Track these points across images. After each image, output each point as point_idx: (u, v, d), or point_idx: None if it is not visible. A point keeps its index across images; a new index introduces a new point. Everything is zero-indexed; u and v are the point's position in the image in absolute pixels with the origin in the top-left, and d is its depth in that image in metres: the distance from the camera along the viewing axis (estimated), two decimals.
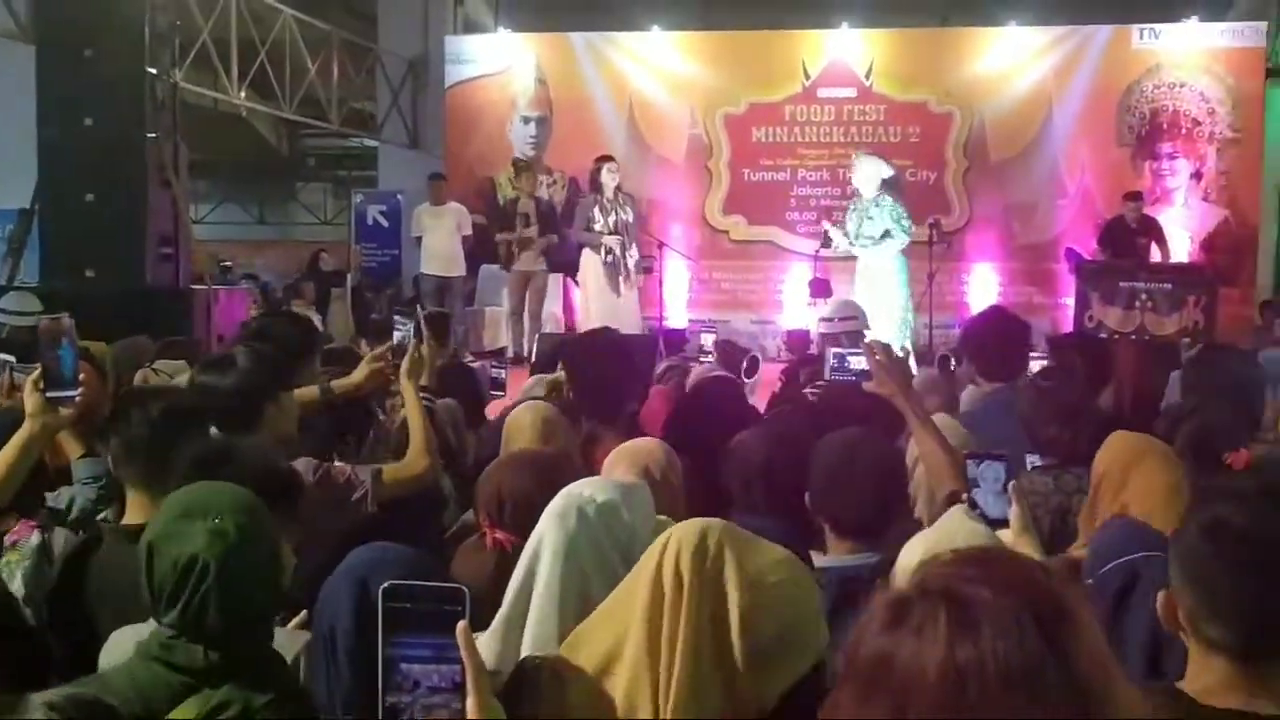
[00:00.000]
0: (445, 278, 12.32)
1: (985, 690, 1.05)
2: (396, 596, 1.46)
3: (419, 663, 1.44)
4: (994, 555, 1.21)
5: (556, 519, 2.06)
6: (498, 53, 14.15)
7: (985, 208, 13.38)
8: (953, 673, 1.06)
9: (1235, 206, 13.19)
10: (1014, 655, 1.06)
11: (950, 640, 1.07)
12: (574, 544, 2.02)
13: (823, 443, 2.99)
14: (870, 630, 1.14)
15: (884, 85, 13.44)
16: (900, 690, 1.08)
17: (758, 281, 13.51)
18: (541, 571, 2.03)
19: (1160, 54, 13.22)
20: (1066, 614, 1.11)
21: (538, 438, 3.44)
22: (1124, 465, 2.95)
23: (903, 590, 1.15)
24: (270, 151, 20.05)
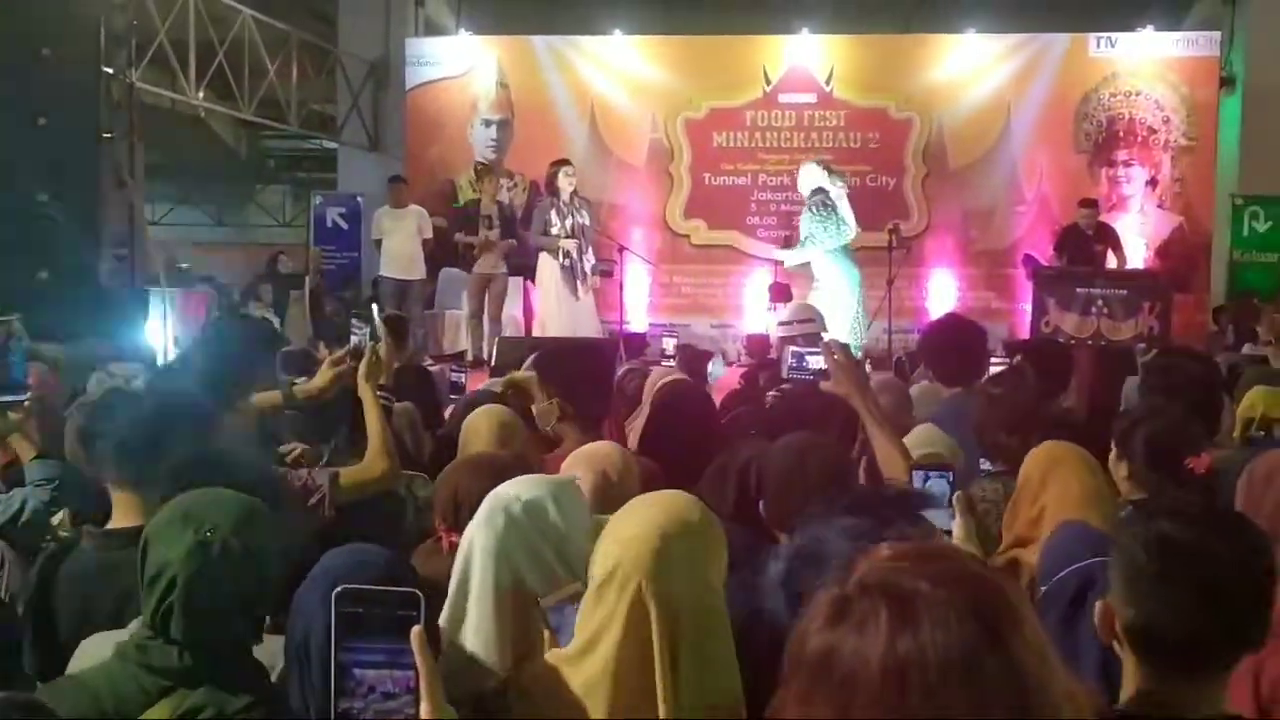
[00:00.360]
0: (405, 281, 12.28)
1: (926, 682, 1.05)
2: (350, 601, 1.44)
3: (373, 668, 1.43)
4: (932, 550, 1.22)
5: (485, 521, 2.05)
6: (459, 55, 14.10)
7: (944, 214, 13.47)
8: (894, 666, 1.06)
9: (1190, 214, 13.35)
10: (954, 646, 1.06)
11: (891, 634, 1.08)
12: (503, 544, 2.02)
13: (773, 449, 3.00)
14: (812, 628, 1.14)
15: (844, 91, 13.50)
16: (843, 686, 1.08)
17: (718, 286, 13.54)
18: (475, 573, 2.02)
19: (1116, 62, 13.36)
20: (1005, 606, 1.11)
21: (495, 441, 3.43)
22: (1043, 471, 2.98)
23: (842, 587, 1.15)
24: (229, 153, 19.88)
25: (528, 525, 2.06)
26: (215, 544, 2.01)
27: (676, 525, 1.85)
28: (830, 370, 3.22)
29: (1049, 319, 11.31)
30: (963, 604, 1.09)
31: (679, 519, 1.87)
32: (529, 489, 2.14)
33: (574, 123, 13.78)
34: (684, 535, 1.85)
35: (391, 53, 14.47)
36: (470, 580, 2.04)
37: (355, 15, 14.67)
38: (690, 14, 14.60)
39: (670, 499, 1.93)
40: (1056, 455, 3.05)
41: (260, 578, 2.08)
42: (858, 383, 3.18)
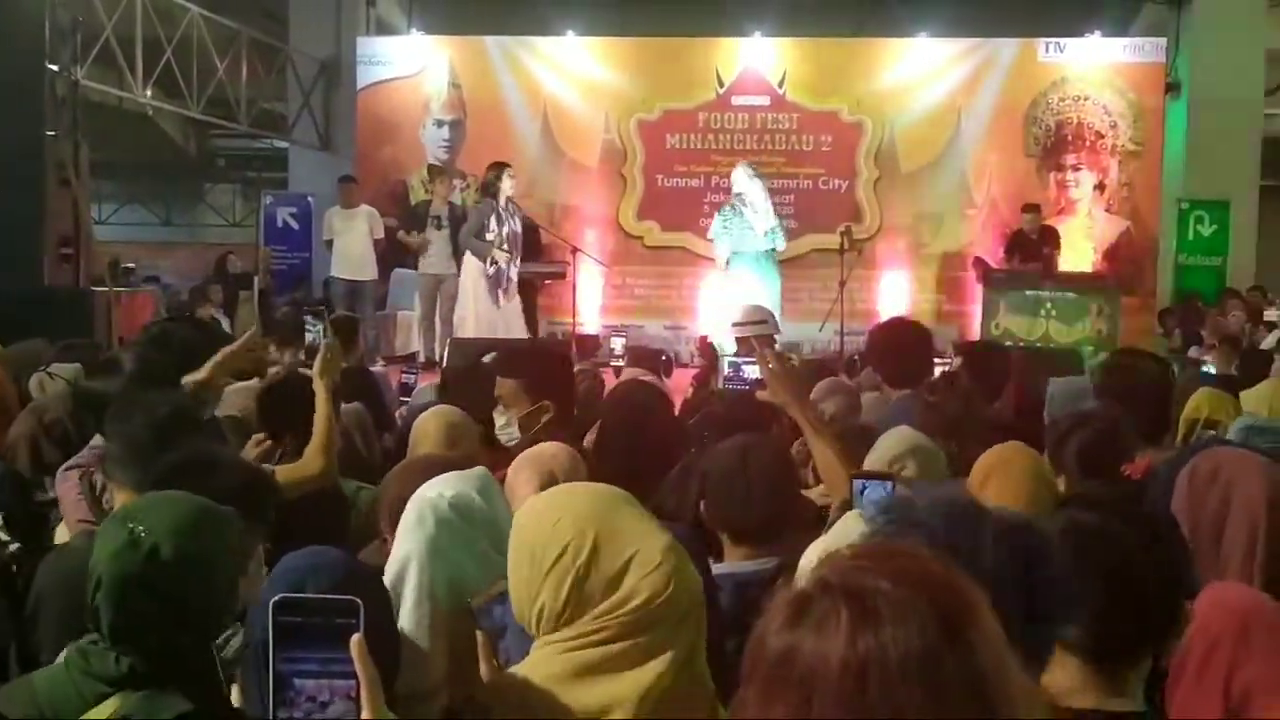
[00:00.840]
0: (356, 281, 12.19)
1: (887, 681, 1.06)
2: (288, 610, 1.43)
3: (312, 677, 1.41)
4: (892, 550, 1.22)
5: (414, 525, 2.02)
6: (411, 55, 14.03)
7: (896, 216, 13.54)
8: (855, 665, 1.07)
9: (1136, 217, 13.51)
10: (914, 645, 1.06)
11: (851, 633, 1.08)
12: (436, 544, 1.99)
13: (715, 451, 2.99)
14: (771, 628, 1.14)
15: (797, 94, 13.55)
16: (804, 685, 1.08)
17: (671, 287, 13.54)
18: (410, 576, 1.99)
19: (1065, 67, 13.50)
20: (964, 605, 1.12)
21: (443, 442, 3.40)
22: (984, 473, 2.96)
23: (802, 587, 1.15)
24: (177, 152, 19.65)
25: (459, 521, 2.03)
26: (144, 545, 1.97)
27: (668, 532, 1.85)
28: (765, 378, 3.21)
29: (999, 321, 11.44)
30: (923, 603, 1.09)
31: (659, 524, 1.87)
32: (450, 486, 2.11)
33: (527, 123, 13.74)
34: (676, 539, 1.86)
35: (343, 52, 14.37)
36: (404, 589, 2.00)
37: (306, 13, 14.55)
38: (643, 16, 14.59)
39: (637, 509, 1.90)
40: (1002, 457, 3.05)
41: (202, 584, 2.03)
42: (793, 390, 3.17)
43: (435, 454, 3.21)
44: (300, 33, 14.56)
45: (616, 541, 1.79)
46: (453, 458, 3.00)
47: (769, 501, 2.79)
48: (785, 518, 2.87)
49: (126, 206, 23.45)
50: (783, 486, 2.87)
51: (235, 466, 2.55)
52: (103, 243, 13.93)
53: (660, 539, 1.80)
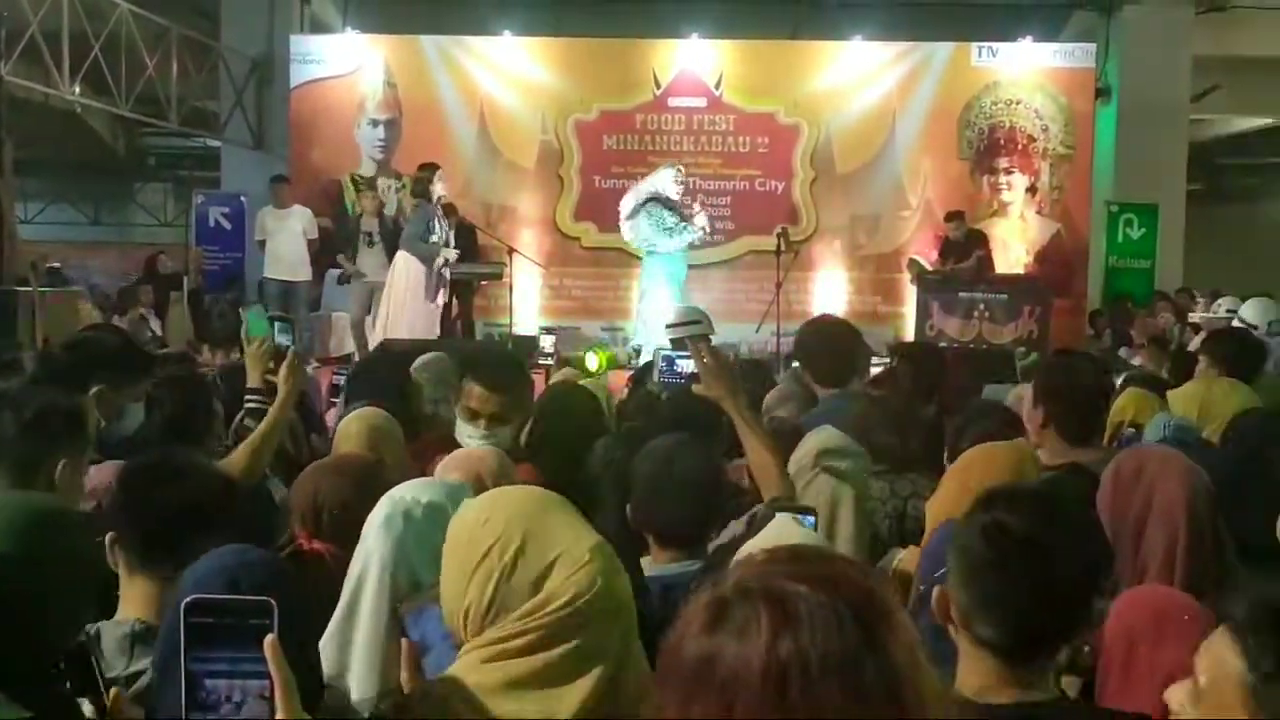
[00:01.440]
0: (290, 282, 12.10)
1: (808, 684, 1.06)
2: (200, 611, 1.40)
3: (225, 678, 1.39)
4: (808, 552, 1.23)
5: (382, 526, 2.00)
6: (345, 53, 13.89)
7: (832, 218, 13.63)
8: (775, 669, 1.07)
9: (1067, 220, 13.69)
10: (834, 648, 1.07)
11: (772, 637, 1.08)
12: (401, 548, 1.97)
13: (642, 453, 2.98)
14: (690, 631, 1.14)
15: (733, 96, 13.59)
16: (725, 690, 1.09)
17: (608, 288, 13.52)
18: (371, 577, 1.97)
19: (998, 72, 13.66)
20: (881, 607, 1.12)
21: (365, 445, 3.36)
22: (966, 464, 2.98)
23: (721, 590, 1.15)
24: (106, 150, 19.34)
25: (428, 529, 2.01)
26: None
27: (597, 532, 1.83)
28: (700, 373, 3.20)
29: (933, 322, 11.54)
30: (841, 606, 1.10)
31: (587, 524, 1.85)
32: (426, 492, 2.09)
33: (463, 124, 13.66)
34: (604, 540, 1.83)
35: (276, 49, 14.19)
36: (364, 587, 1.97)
37: (238, 10, 14.37)
38: (580, 16, 14.58)
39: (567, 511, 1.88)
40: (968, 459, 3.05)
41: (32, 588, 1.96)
42: (728, 385, 3.16)
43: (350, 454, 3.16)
44: (232, 30, 14.37)
45: (542, 541, 1.77)
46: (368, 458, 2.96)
47: (693, 504, 2.79)
48: (710, 520, 2.87)
49: (54, 205, 23.04)
50: (708, 489, 2.86)
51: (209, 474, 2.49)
52: (28, 242, 13.67)
53: (587, 539, 1.79)
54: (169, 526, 2.26)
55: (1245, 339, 5.72)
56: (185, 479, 2.35)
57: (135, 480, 2.40)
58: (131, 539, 2.28)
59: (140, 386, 3.75)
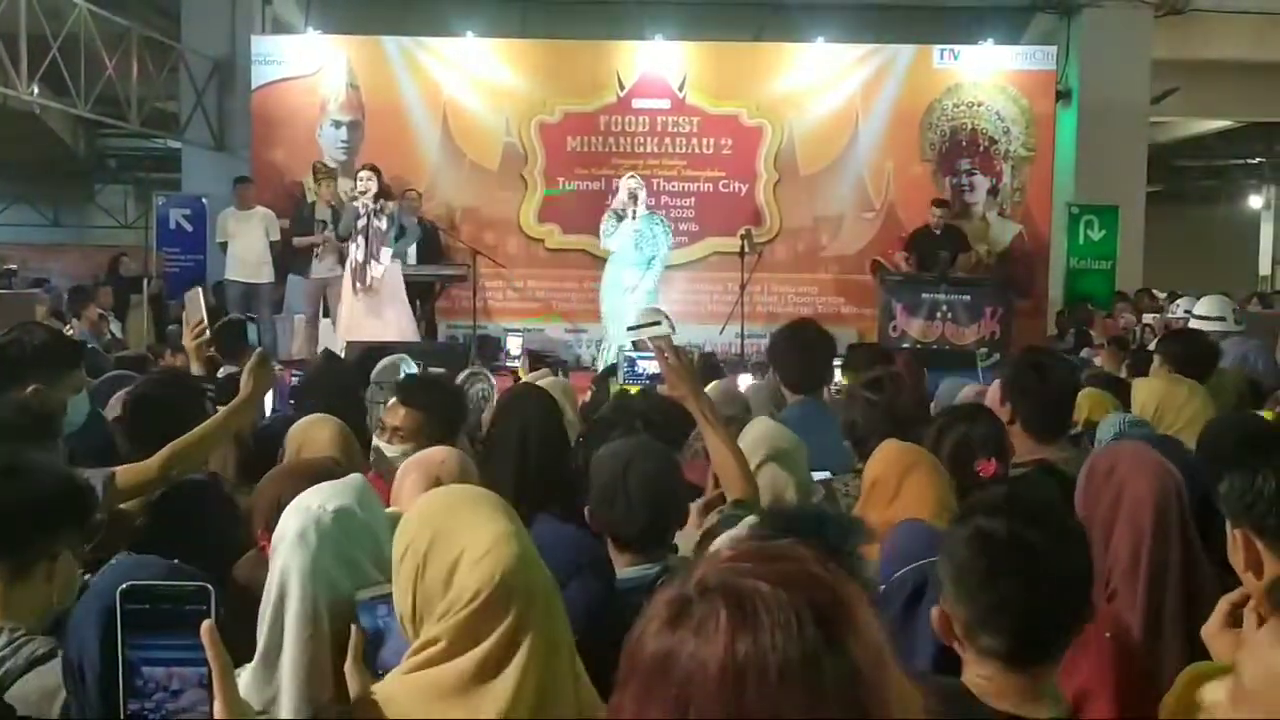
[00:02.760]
0: (252, 284, 12.02)
1: (765, 684, 1.06)
2: (136, 598, 1.39)
3: (162, 665, 1.38)
4: (771, 551, 1.22)
5: (296, 541, 1.97)
6: (307, 54, 13.79)
7: (795, 219, 13.66)
8: (733, 668, 1.06)
9: (1029, 222, 13.78)
10: (793, 648, 1.07)
11: (730, 635, 1.08)
12: (319, 561, 1.94)
13: (598, 455, 2.97)
14: (650, 629, 1.13)
15: (697, 98, 13.61)
16: (682, 687, 1.08)
17: (572, 290, 13.49)
18: (292, 595, 1.94)
19: (959, 74, 13.73)
20: (843, 607, 1.12)
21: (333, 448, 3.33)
22: (898, 474, 2.99)
23: (683, 588, 1.15)
24: (66, 151, 19.18)
25: (340, 535, 1.98)
26: None
27: (515, 523, 1.82)
28: (664, 374, 3.20)
29: (896, 324, 11.60)
30: (802, 605, 1.09)
31: (509, 515, 1.84)
32: (333, 497, 2.05)
33: (426, 125, 13.60)
34: (522, 541, 1.81)
35: (237, 50, 14.07)
36: (287, 604, 1.95)
37: (199, 11, 14.24)
38: (543, 17, 14.56)
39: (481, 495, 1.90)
40: (909, 459, 3.08)
41: None
42: (692, 385, 3.16)
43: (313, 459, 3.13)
44: (193, 30, 14.24)
45: (448, 538, 1.78)
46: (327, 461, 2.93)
47: (650, 508, 2.78)
48: (668, 524, 2.86)
49: (13, 207, 22.83)
50: (665, 493, 2.85)
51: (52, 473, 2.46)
52: None
53: (490, 531, 1.77)
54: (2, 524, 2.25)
55: (1198, 339, 5.78)
56: (22, 477, 2.32)
57: None
58: None
59: (76, 377, 3.71)
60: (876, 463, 3.14)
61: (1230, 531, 1.98)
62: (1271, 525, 1.88)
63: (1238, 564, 1.97)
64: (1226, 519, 1.99)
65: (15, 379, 3.39)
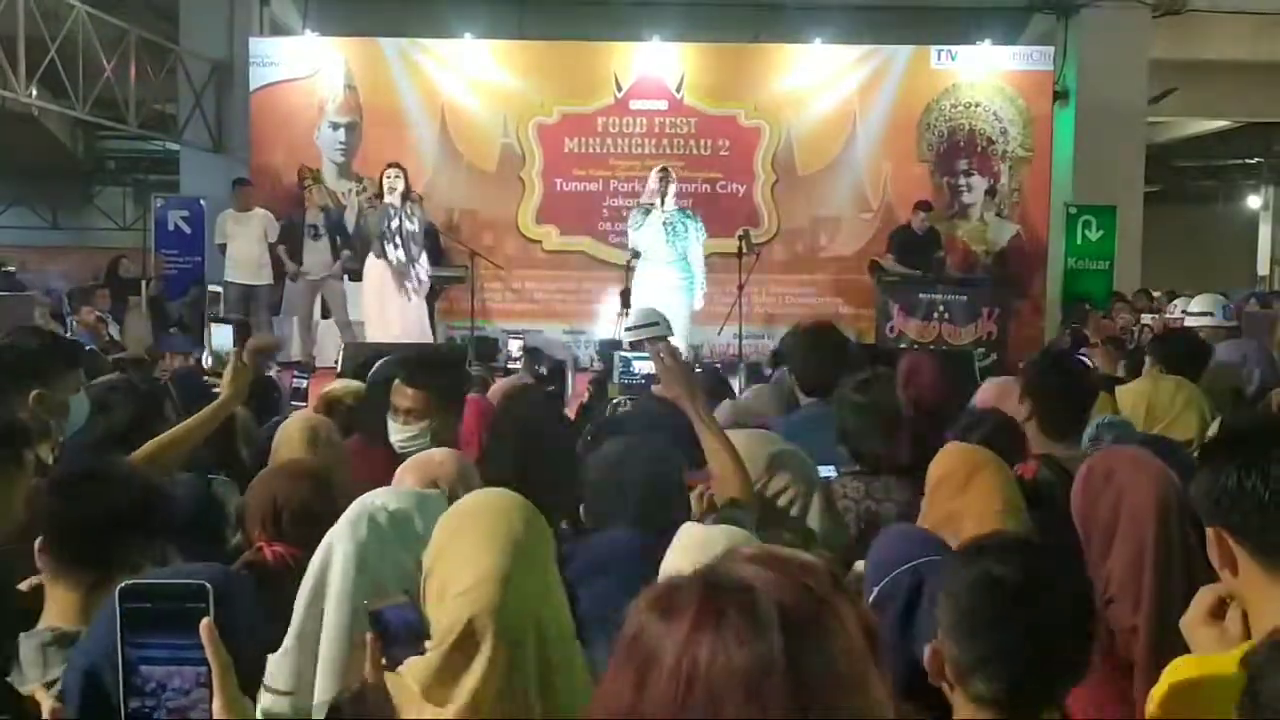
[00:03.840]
0: (251, 286, 12.04)
1: (711, 682, 1.07)
2: (136, 596, 1.40)
3: (161, 664, 1.39)
4: (783, 555, 1.21)
5: (348, 527, 2.00)
6: (305, 56, 13.80)
7: (793, 220, 13.67)
8: (686, 664, 1.08)
9: (1027, 222, 13.79)
10: (746, 654, 1.07)
11: (691, 628, 1.10)
12: (364, 552, 1.97)
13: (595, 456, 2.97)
14: (637, 606, 1.16)
15: (695, 98, 13.62)
16: (641, 668, 1.11)
17: (570, 291, 13.51)
18: (333, 583, 1.96)
19: (957, 74, 13.74)
20: (817, 622, 1.11)
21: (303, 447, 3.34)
22: (967, 470, 2.91)
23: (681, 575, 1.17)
24: (64, 153, 19.18)
25: (392, 535, 2.01)
26: None
27: (512, 557, 1.79)
28: (659, 374, 3.20)
29: (893, 324, 11.61)
30: (770, 609, 1.09)
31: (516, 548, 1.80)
32: (396, 499, 2.09)
33: (424, 126, 13.62)
34: (522, 564, 1.79)
35: (235, 52, 14.08)
36: (328, 590, 1.97)
37: (197, 13, 14.25)
38: (541, 19, 14.55)
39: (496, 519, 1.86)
40: (979, 457, 3.00)
41: None
42: (687, 385, 3.16)
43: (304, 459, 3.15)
44: (191, 32, 14.25)
45: (446, 564, 1.79)
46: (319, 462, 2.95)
47: (644, 506, 2.76)
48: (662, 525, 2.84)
49: (11, 209, 22.82)
50: (659, 492, 2.84)
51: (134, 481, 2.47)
52: None
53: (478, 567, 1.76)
54: (88, 533, 2.24)
55: (1189, 339, 5.79)
56: (109, 486, 2.32)
57: (58, 487, 2.38)
58: (53, 546, 2.26)
59: (74, 378, 3.72)
60: (941, 462, 3.06)
61: (1208, 531, 1.99)
62: (1237, 523, 1.87)
63: (1215, 561, 1.97)
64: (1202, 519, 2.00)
65: (14, 384, 3.40)
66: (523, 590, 1.78)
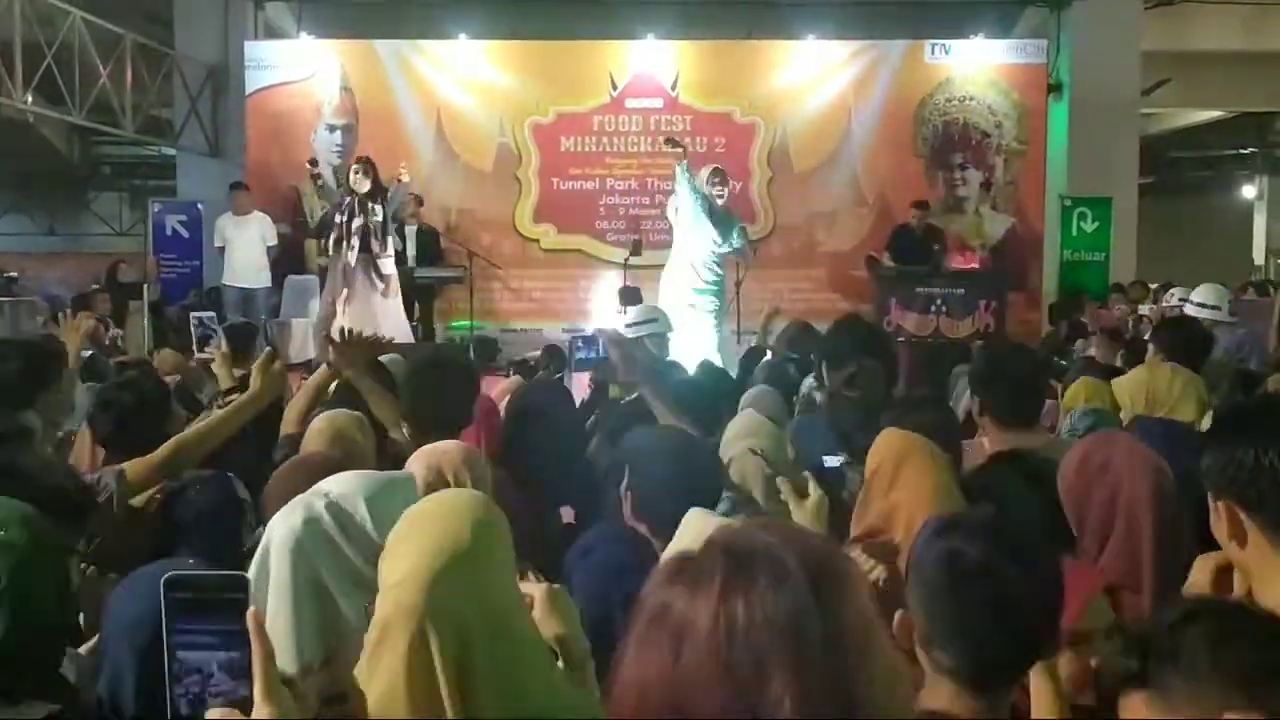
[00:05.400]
0: (249, 289, 12.07)
1: (752, 638, 1.10)
2: (178, 587, 1.44)
3: (204, 650, 1.44)
4: (774, 523, 1.27)
5: (283, 516, 1.99)
6: (300, 59, 13.83)
7: (789, 216, 13.71)
8: (724, 623, 1.11)
9: (1022, 215, 13.84)
10: (782, 606, 1.11)
11: (723, 590, 1.13)
12: (299, 543, 1.94)
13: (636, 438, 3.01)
14: (655, 582, 1.19)
15: (690, 96, 13.65)
16: (674, 638, 1.13)
17: (568, 290, 13.54)
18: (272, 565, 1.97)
19: (951, 68, 13.78)
20: (837, 574, 1.16)
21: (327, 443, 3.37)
22: (894, 463, 2.95)
23: (688, 549, 1.20)
24: (61, 159, 19.20)
25: (329, 523, 1.97)
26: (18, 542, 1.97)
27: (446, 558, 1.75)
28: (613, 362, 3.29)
29: (891, 318, 11.62)
30: (796, 566, 1.13)
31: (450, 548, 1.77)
32: (340, 485, 2.05)
33: (420, 127, 13.65)
34: (458, 565, 1.75)
35: (230, 56, 14.11)
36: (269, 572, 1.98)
37: (192, 17, 14.27)
38: (536, 18, 14.58)
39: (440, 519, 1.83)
40: (906, 446, 3.02)
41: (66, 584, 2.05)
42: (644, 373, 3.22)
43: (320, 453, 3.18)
44: (186, 37, 14.27)
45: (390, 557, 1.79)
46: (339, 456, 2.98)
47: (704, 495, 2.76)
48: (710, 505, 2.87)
49: (8, 215, 22.82)
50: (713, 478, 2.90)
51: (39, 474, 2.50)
52: None
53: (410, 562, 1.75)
54: None
55: (1191, 327, 5.81)
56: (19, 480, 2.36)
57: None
58: None
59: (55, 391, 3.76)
60: (874, 453, 3.13)
61: (1213, 504, 2.02)
62: (1252, 497, 1.92)
63: (1221, 535, 2.01)
64: (1209, 491, 2.03)
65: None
66: (450, 591, 1.74)
